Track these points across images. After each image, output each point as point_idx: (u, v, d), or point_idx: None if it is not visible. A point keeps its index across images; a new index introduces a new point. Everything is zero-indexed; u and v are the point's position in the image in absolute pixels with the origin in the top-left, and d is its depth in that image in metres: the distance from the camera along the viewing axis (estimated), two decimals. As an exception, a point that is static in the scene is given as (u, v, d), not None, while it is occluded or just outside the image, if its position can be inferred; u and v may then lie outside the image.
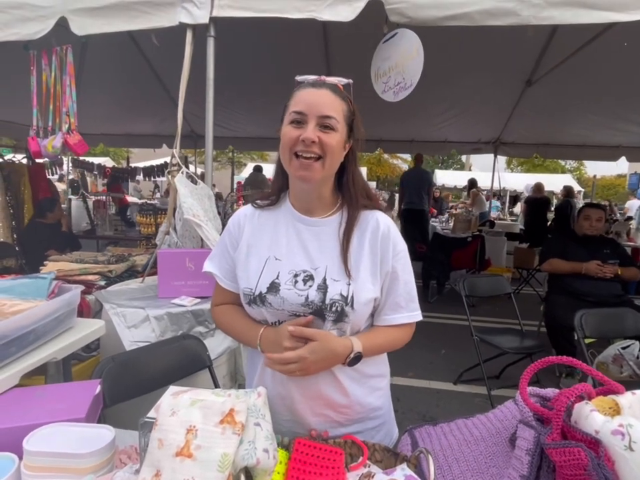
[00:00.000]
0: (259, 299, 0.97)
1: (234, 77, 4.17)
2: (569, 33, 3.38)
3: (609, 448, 0.68)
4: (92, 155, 12.29)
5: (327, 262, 0.97)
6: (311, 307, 0.94)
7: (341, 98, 0.97)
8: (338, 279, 0.95)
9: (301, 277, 0.96)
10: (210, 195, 2.37)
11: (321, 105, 0.93)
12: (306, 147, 0.91)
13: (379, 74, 2.42)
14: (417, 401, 2.90)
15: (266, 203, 1.06)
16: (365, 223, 1.01)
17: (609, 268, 3.03)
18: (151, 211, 4.18)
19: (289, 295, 0.95)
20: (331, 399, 1.00)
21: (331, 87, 0.96)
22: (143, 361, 1.43)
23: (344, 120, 0.96)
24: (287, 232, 1.01)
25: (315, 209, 1.02)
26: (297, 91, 0.97)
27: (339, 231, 1.00)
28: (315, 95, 0.94)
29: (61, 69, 2.65)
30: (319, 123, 0.92)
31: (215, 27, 2.22)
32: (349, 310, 0.94)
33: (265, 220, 1.05)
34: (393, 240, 1.00)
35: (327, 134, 0.92)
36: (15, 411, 1.01)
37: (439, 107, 5.38)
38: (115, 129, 6.85)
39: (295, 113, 0.93)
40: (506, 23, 1.83)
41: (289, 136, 0.93)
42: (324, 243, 0.99)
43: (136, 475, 0.78)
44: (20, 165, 4.95)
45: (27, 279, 1.50)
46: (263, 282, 0.97)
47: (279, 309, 0.96)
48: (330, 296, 0.94)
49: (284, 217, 1.03)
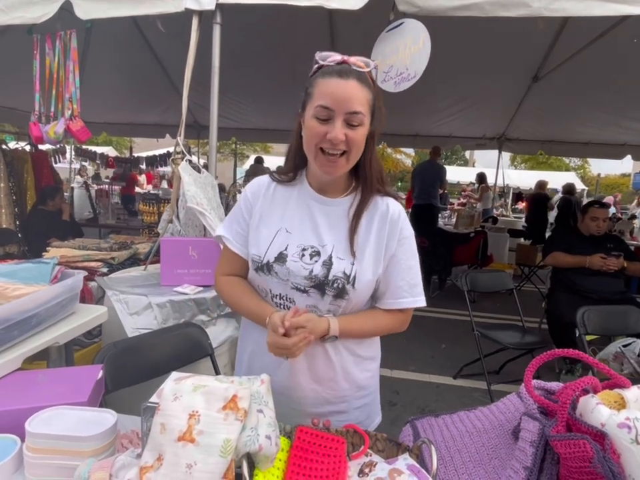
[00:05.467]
0: (266, 267, 0.99)
1: (238, 66, 4.14)
2: (578, 28, 3.35)
3: (615, 441, 0.68)
4: (94, 144, 12.27)
5: (335, 241, 0.99)
6: (313, 281, 0.97)
7: (367, 87, 0.94)
8: (343, 258, 0.98)
9: (308, 252, 0.98)
10: (213, 184, 2.36)
11: (349, 100, 0.90)
12: (333, 145, 0.91)
13: (379, 63, 2.38)
14: (416, 394, 2.90)
15: (284, 178, 1.07)
16: (375, 208, 1.02)
17: (613, 261, 3.01)
18: (154, 200, 4.17)
19: (294, 267, 0.97)
20: (321, 371, 1.03)
21: (358, 76, 0.92)
22: (145, 347, 1.43)
23: (369, 112, 0.95)
24: (299, 208, 1.03)
25: (331, 189, 1.04)
26: (321, 78, 0.93)
27: (349, 212, 1.01)
28: (342, 88, 0.90)
29: (65, 54, 2.63)
30: (347, 120, 0.91)
31: (221, 14, 2.19)
32: (350, 288, 0.97)
33: (280, 194, 1.06)
34: (401, 225, 1.02)
35: (354, 130, 0.92)
36: (18, 393, 1.01)
37: (444, 101, 5.34)
38: (118, 117, 6.81)
39: (322, 107, 0.91)
40: (517, 14, 1.81)
41: (315, 131, 0.92)
42: (334, 222, 1.01)
43: (137, 459, 0.77)
44: (23, 151, 4.93)
45: (30, 264, 1.49)
46: (272, 251, 0.99)
47: (284, 279, 0.98)
48: (333, 272, 0.96)
49: (299, 193, 1.05)
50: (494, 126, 6.30)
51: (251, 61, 4.26)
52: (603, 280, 3.02)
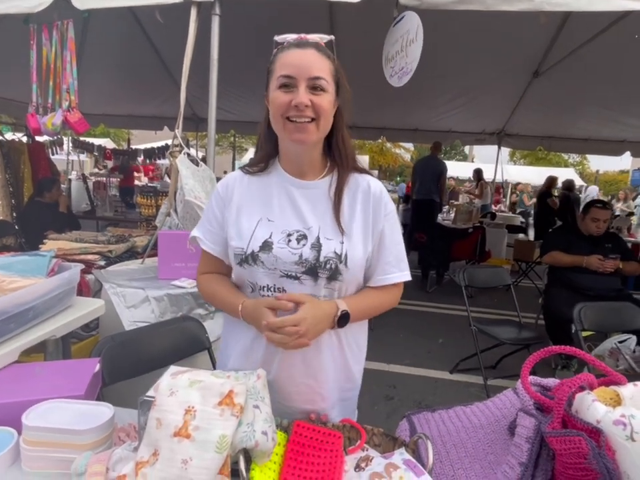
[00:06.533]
0: (251, 257, 0.95)
1: (236, 58, 4.10)
2: (579, 24, 3.33)
3: (610, 438, 0.68)
4: (92, 136, 12.18)
5: (320, 222, 0.97)
6: (304, 265, 0.93)
7: (326, 56, 0.94)
8: (331, 238, 0.95)
9: (294, 237, 0.95)
10: (212, 178, 2.35)
11: (309, 66, 0.90)
12: (299, 111, 0.89)
13: (388, 58, 2.37)
14: (413, 388, 2.92)
15: (255, 170, 1.04)
16: (355, 184, 1.01)
17: (610, 262, 3.02)
18: (152, 193, 4.15)
19: (282, 253, 0.94)
20: (315, 365, 0.99)
21: (315, 46, 0.93)
22: (142, 341, 1.43)
23: (332, 79, 0.94)
24: (278, 194, 1.00)
25: (307, 172, 1.01)
26: (280, 52, 0.94)
27: (330, 191, 0.99)
28: (301, 55, 0.91)
29: (62, 44, 2.60)
30: (309, 85, 0.90)
31: (220, 5, 2.17)
32: (343, 268, 0.94)
33: (255, 184, 1.03)
34: (385, 200, 1.02)
35: (318, 96, 0.91)
36: (14, 386, 1.01)
37: (445, 96, 5.31)
38: (116, 109, 6.76)
39: (283, 77, 0.90)
40: (519, 9, 1.79)
41: (279, 101, 0.91)
42: (316, 204, 0.99)
43: (134, 452, 0.78)
44: (20, 143, 4.90)
45: (27, 256, 1.49)
46: (255, 241, 0.95)
47: (272, 267, 0.94)
48: (324, 254, 0.94)
49: (276, 180, 1.02)
50: (494, 121, 6.29)
51: (250, 53, 4.21)
52: (600, 277, 3.03)
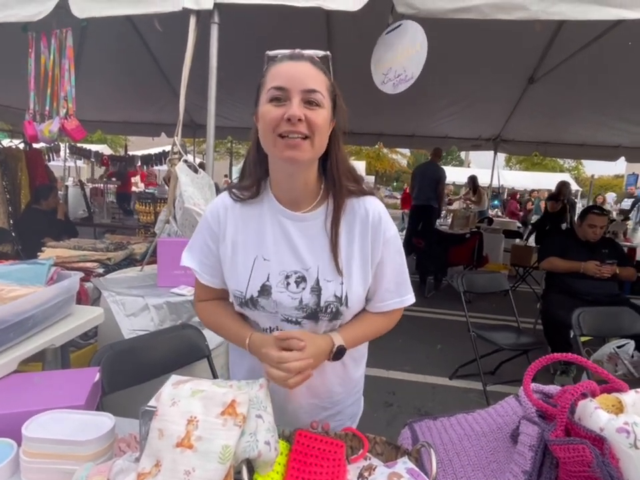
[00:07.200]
0: (251, 302, 0.92)
1: (234, 65, 4.11)
2: (574, 31, 3.37)
3: (613, 445, 0.68)
4: (89, 142, 12.17)
5: (318, 261, 0.91)
6: (305, 311, 0.91)
7: (322, 71, 0.87)
8: (331, 279, 0.91)
9: (292, 279, 0.91)
10: (210, 184, 2.35)
11: (304, 77, 0.83)
12: (292, 125, 0.80)
13: (379, 65, 2.38)
14: (412, 394, 2.91)
15: (247, 195, 0.95)
16: (352, 212, 0.94)
17: (607, 268, 3.04)
18: (150, 200, 4.15)
19: (281, 298, 0.91)
20: (319, 387, 1.00)
21: (310, 60, 0.86)
22: (142, 349, 1.42)
23: (328, 94, 0.86)
24: (272, 229, 0.93)
25: (300, 198, 0.93)
26: (271, 66, 0.87)
27: (326, 223, 0.92)
28: (295, 67, 0.84)
29: (60, 52, 2.60)
30: (304, 99, 0.82)
31: (219, 14, 2.18)
32: (344, 309, 0.92)
33: (247, 214, 0.95)
34: (384, 227, 0.94)
35: (313, 111, 0.82)
36: (14, 397, 1.00)
37: (441, 102, 5.35)
38: (113, 116, 6.77)
39: (275, 89, 0.82)
40: (515, 17, 1.81)
41: (270, 116, 0.82)
42: (313, 240, 0.92)
43: (135, 463, 0.77)
44: (17, 150, 4.88)
45: (26, 265, 1.48)
46: (254, 285, 0.91)
47: (273, 311, 0.92)
48: (324, 298, 0.90)
49: (268, 210, 0.94)
50: (490, 127, 6.33)
51: (248, 60, 4.24)
52: (597, 282, 3.05)
